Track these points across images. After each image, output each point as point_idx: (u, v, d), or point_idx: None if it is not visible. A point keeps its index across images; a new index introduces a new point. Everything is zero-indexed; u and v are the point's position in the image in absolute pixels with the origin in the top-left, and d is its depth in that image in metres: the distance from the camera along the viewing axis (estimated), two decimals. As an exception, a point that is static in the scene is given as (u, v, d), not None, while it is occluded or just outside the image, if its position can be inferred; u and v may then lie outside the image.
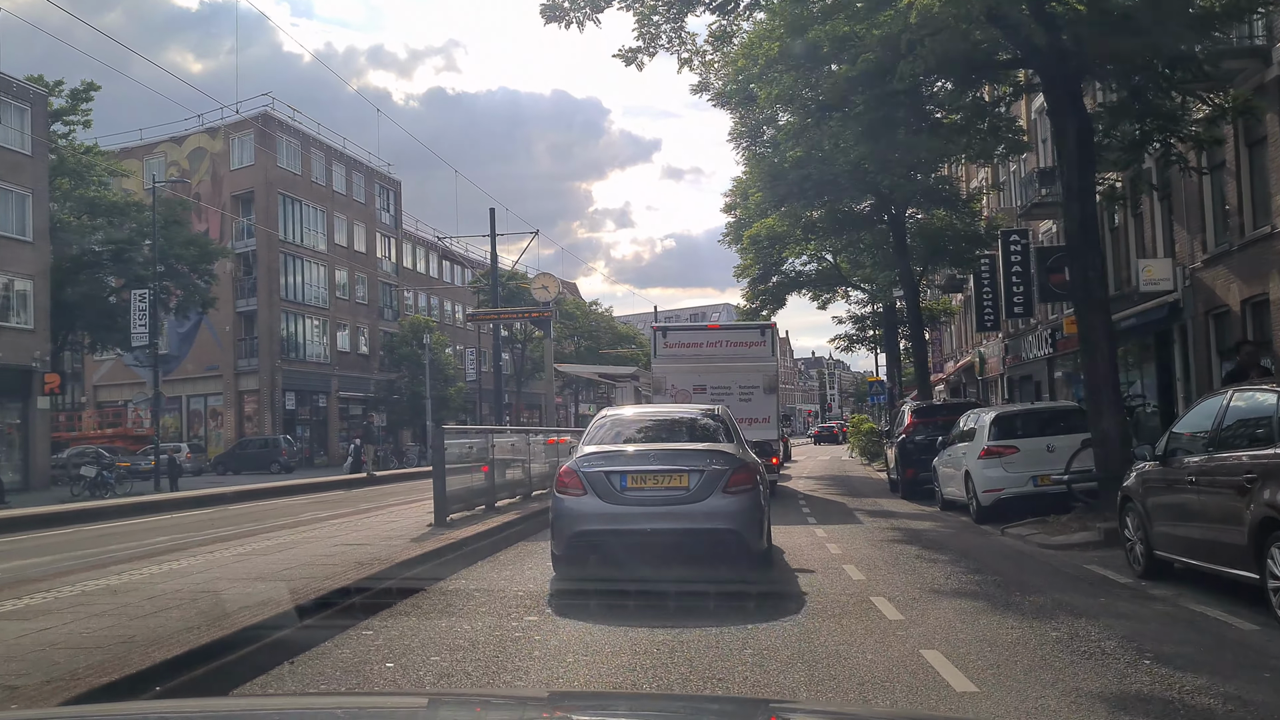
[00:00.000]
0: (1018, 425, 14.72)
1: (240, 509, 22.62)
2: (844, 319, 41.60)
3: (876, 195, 24.16)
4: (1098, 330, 12.03)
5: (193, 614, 6.59)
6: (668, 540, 8.58)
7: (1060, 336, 28.97)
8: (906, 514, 16.57)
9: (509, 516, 13.83)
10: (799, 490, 24.06)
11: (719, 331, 22.71)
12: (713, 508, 8.41)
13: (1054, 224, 29.81)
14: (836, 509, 18.48)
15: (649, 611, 7.49)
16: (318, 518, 17.06)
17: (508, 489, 15.75)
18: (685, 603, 7.79)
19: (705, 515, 8.41)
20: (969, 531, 13.70)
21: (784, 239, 27.22)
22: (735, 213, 35.97)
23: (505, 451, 15.71)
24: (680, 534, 8.52)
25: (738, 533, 8.53)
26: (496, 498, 14.83)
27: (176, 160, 55.65)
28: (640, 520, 8.45)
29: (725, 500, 8.44)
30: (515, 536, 12.65)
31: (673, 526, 8.46)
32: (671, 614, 7.45)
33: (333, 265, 57.62)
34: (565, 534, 8.74)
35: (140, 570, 9.06)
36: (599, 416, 10.70)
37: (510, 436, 16.78)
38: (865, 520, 15.73)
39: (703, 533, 8.52)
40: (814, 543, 12.47)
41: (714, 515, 8.42)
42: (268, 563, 9.32)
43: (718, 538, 8.58)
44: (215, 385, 54.22)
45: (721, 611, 7.53)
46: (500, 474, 15.46)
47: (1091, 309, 12.08)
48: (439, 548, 10.13)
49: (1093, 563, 10.04)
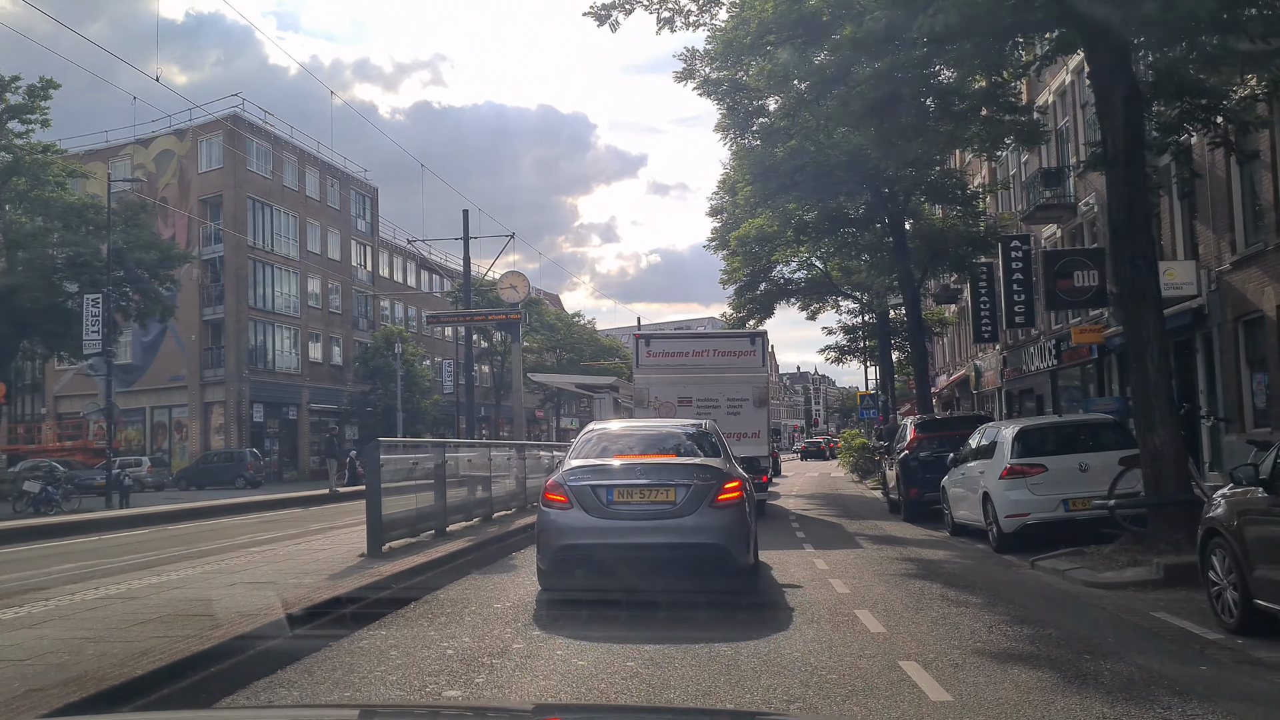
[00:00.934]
0: (1045, 441, 12.92)
1: (179, 530, 20.62)
2: (834, 329, 39.74)
3: (874, 191, 22.37)
4: (1148, 329, 10.26)
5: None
6: (653, 555, 8.54)
7: (1066, 347, 27.29)
8: (914, 540, 14.75)
9: (460, 544, 11.94)
10: (790, 510, 22.33)
11: (706, 340, 21.47)
12: (699, 522, 8.45)
13: (1058, 228, 28.14)
14: (833, 532, 16.69)
15: (637, 623, 7.55)
16: (255, 541, 15.21)
17: (464, 510, 13.86)
18: (673, 624, 7.60)
19: (691, 530, 8.45)
20: (992, 563, 11.89)
21: (774, 240, 25.39)
22: (721, 216, 34.23)
23: (462, 468, 13.82)
24: (666, 548, 8.52)
25: (724, 548, 8.56)
26: (449, 521, 12.93)
27: (142, 163, 53.60)
28: (626, 534, 8.49)
29: (712, 515, 8.49)
30: (465, 568, 10.76)
31: (659, 541, 8.48)
32: (659, 626, 7.40)
33: (305, 273, 55.58)
34: (551, 548, 8.72)
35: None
36: (585, 431, 10.69)
37: (468, 451, 14.88)
38: (868, 547, 13.92)
39: (688, 547, 8.53)
40: (813, 576, 10.65)
41: (700, 530, 8.46)
42: (102, 619, 7.23)
43: (704, 552, 8.58)
44: (180, 396, 52.05)
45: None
46: (457, 493, 13.60)
47: (1140, 305, 10.30)
48: (355, 590, 8.23)
49: (1159, 609, 8.22)
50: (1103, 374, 25.54)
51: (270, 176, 53.11)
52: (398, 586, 8.83)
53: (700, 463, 9.15)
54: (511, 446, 18.05)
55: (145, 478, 46.12)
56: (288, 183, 54.76)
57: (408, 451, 12.96)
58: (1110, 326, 24.22)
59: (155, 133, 52.88)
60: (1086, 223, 26.28)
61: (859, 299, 36.93)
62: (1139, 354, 10.34)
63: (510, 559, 12.41)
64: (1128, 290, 10.46)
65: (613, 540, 8.49)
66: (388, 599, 8.43)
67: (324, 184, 58.27)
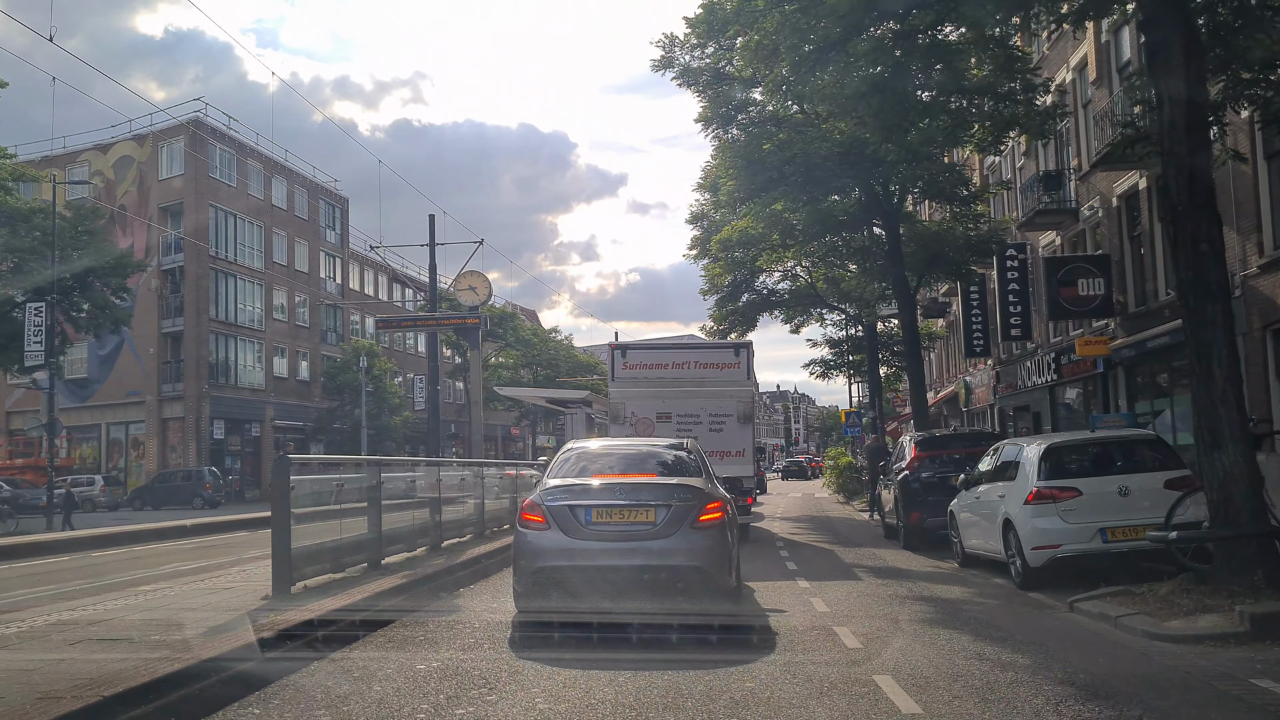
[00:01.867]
0: (1076, 460, 11.19)
1: (102, 557, 18.59)
2: (819, 342, 38.01)
3: (867, 189, 20.65)
4: (1215, 326, 8.55)
5: None
6: (632, 577, 8.32)
7: (1068, 360, 25.68)
8: (921, 572, 13.00)
9: (393, 580, 10.09)
10: (776, 533, 20.63)
11: (687, 350, 19.65)
12: (679, 544, 8.30)
13: (1058, 235, 26.56)
14: (826, 560, 14.95)
15: (614, 649, 7.40)
16: (178, 572, 13.41)
17: (404, 540, 12.00)
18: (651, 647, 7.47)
19: (671, 551, 8.30)
20: (1020, 603, 10.14)
21: (758, 244, 23.64)
22: (702, 223, 32.57)
23: (404, 490, 11.98)
24: (645, 570, 8.32)
25: (704, 570, 8.38)
26: (384, 553, 11.08)
27: (101, 169, 51.55)
28: (604, 556, 8.34)
29: (692, 536, 8.34)
30: (389, 614, 8.90)
31: (638, 563, 8.31)
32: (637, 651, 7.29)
33: (270, 284, 53.53)
34: (527, 569, 8.55)
35: None
36: (564, 449, 10.52)
37: (411, 471, 13.02)
38: (869, 580, 12.17)
39: (668, 569, 8.36)
40: (811, 620, 8.92)
41: (680, 551, 8.31)
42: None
43: (684, 575, 8.41)
44: (137, 412, 49.80)
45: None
46: (397, 519, 11.76)
47: (1205, 297, 8.57)
48: (216, 656, 6.31)
49: (1258, 673, 6.48)
50: (1107, 389, 23.90)
51: (234, 184, 51.12)
52: (275, 654, 6.91)
53: (681, 483, 8.92)
54: (467, 465, 16.17)
55: (98, 497, 44.07)
56: (253, 191, 52.78)
57: (336, 471, 11.06)
58: (1117, 338, 22.63)
59: (115, 138, 50.89)
60: (1089, 229, 24.71)
61: (845, 311, 35.28)
62: (1203, 356, 8.62)
63: (455, 596, 10.58)
64: (1189, 280, 8.75)
65: (591, 562, 8.32)
66: (267, 663, 6.55)
67: (291, 193, 56.31)
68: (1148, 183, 21.02)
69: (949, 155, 23.57)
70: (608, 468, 9.57)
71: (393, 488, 11.43)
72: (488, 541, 14.69)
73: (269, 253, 53.65)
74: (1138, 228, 21.89)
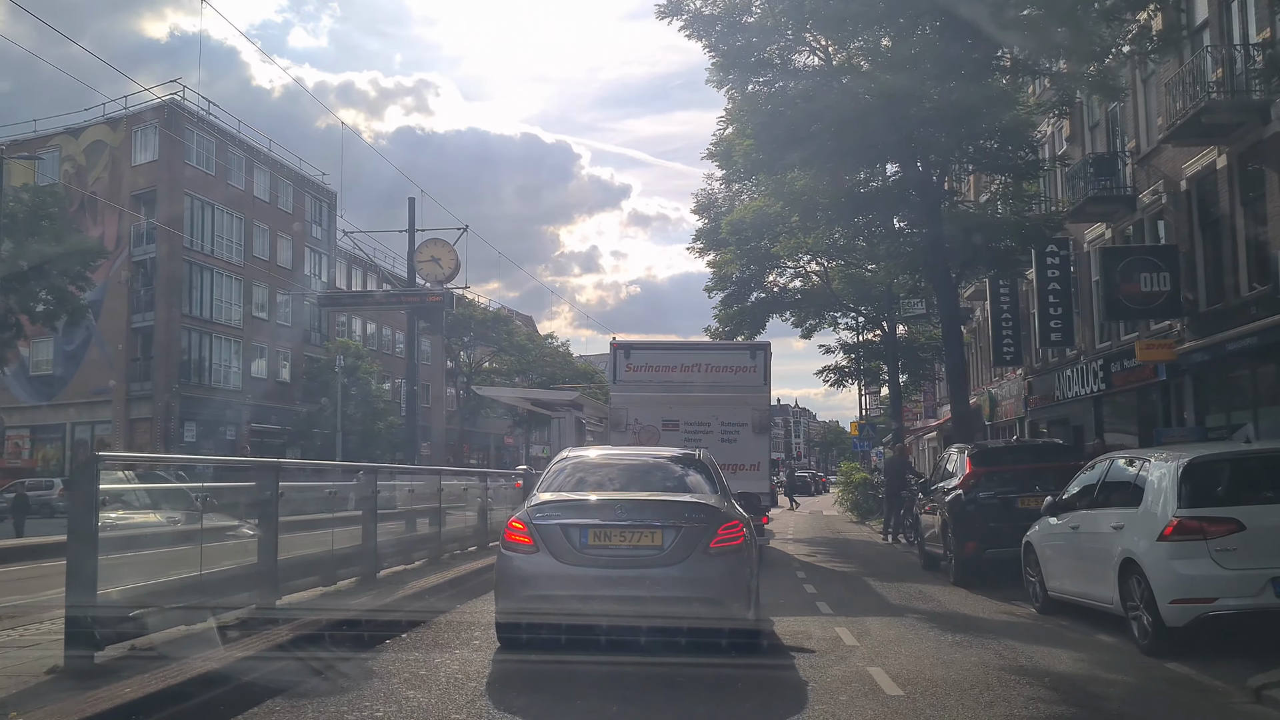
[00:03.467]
0: (1231, 481, 8.22)
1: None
2: (833, 348, 35.06)
3: (906, 156, 17.53)
4: None
5: None
6: (635, 610, 7.13)
7: (1120, 367, 22.73)
8: (992, 621, 10.07)
9: (275, 637, 7.15)
10: (793, 556, 18.13)
11: (698, 352, 18.16)
12: (690, 572, 7.23)
13: (1107, 229, 23.62)
14: (862, 597, 12.16)
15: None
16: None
17: (323, 569, 9.05)
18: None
19: (680, 581, 7.23)
20: (1163, 681, 7.19)
21: (774, 226, 20.70)
22: (709, 213, 29.72)
23: (313, 505, 9.04)
24: (650, 603, 7.15)
25: (720, 602, 7.32)
26: (283, 589, 8.13)
27: (72, 155, 48.69)
28: (601, 585, 7.21)
29: (706, 563, 7.28)
30: (260, 688, 5.96)
31: (641, 594, 7.17)
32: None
33: (250, 280, 50.59)
34: (513, 600, 7.50)
35: None
36: (558, 458, 9.31)
37: (321, 480, 10.07)
38: (926, 631, 9.36)
39: (677, 602, 7.20)
40: (851, 672, 6.03)
41: (691, 581, 7.24)
42: None
43: (695, 608, 7.22)
44: (104, 412, 46.78)
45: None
46: (304, 541, 8.84)
47: None
48: None
49: None
50: (1169, 399, 20.95)
51: (213, 173, 48.27)
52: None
53: (693, 500, 7.97)
54: (414, 475, 13.23)
55: (56, 501, 41.20)
56: (233, 181, 49.92)
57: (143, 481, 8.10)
58: (1184, 340, 19.70)
59: (87, 122, 48.04)
60: (1148, 218, 21.80)
61: (862, 313, 32.36)
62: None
63: (379, 650, 7.64)
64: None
65: (586, 591, 7.24)
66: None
67: (275, 185, 53.39)
68: (1227, 160, 18.16)
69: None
70: (608, 480, 8.50)
71: (297, 500, 8.48)
72: (441, 570, 11.74)
73: (249, 246, 50.77)
74: (1213, 213, 18.98)
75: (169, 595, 6.59)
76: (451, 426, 66.15)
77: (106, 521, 5.72)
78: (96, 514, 5.66)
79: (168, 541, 6.74)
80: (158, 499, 6.86)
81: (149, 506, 6.60)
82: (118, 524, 5.99)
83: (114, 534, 5.89)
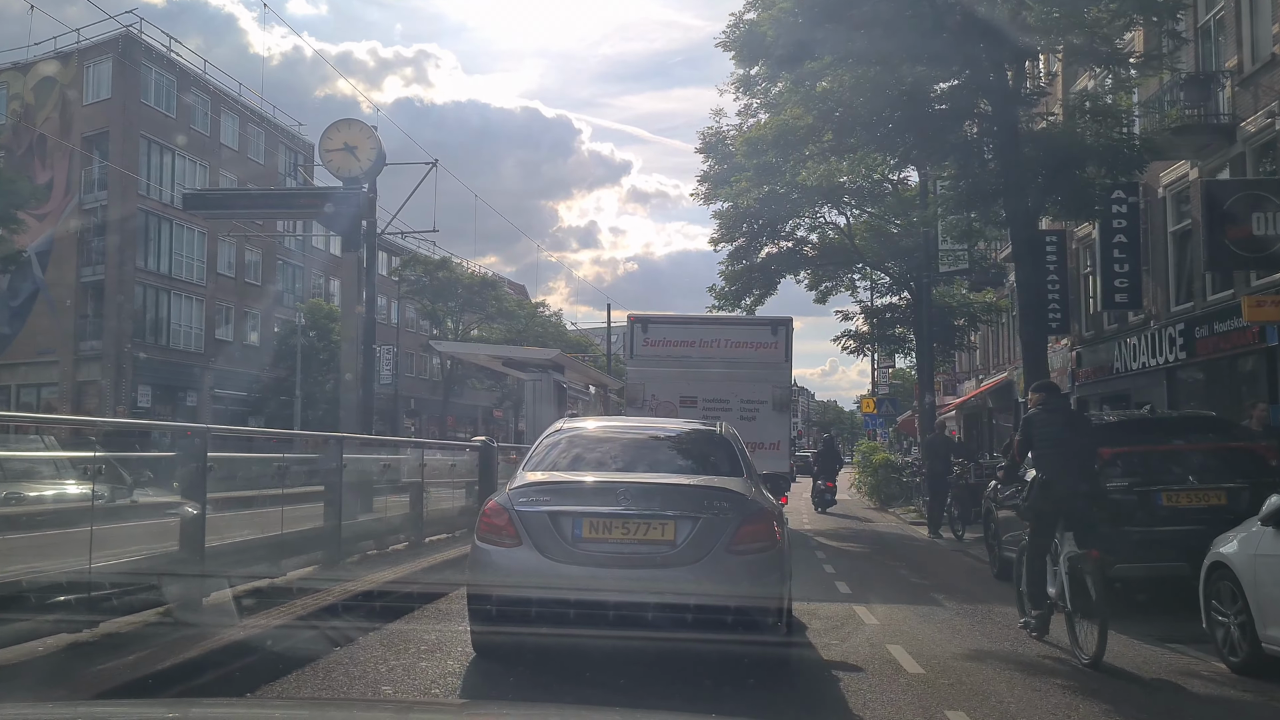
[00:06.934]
0: None
1: None
2: (852, 315, 31.32)
3: (972, 51, 13.56)
4: None
5: None
6: (640, 621, 5.80)
7: (1206, 332, 19.01)
8: (1147, 680, 6.38)
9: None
10: (816, 545, 15.17)
11: (718, 327, 18.39)
12: (709, 574, 5.86)
13: (1191, 167, 19.83)
14: (937, 629, 8.49)
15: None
16: None
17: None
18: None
19: (697, 585, 5.85)
20: None
21: (802, 144, 16.87)
22: (715, 152, 25.91)
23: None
24: (658, 612, 5.81)
25: (746, 613, 5.98)
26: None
27: (20, 93, 44.62)
28: (600, 589, 5.93)
29: (729, 564, 5.91)
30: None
31: (648, 600, 5.88)
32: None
33: (214, 234, 46.62)
34: (489, 603, 6.24)
35: None
36: (551, 430, 7.66)
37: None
38: (1054, 692, 5.63)
39: (693, 611, 5.80)
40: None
41: (710, 585, 5.85)
42: None
43: (716, 620, 5.85)
44: (51, 373, 42.95)
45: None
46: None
47: None
48: None
49: None
50: (1275, 368, 17.24)
51: (173, 115, 44.26)
52: None
53: (714, 484, 6.51)
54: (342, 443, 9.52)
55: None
56: (196, 125, 45.89)
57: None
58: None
59: (37, 57, 43.96)
60: (1253, 152, 18.00)
61: (890, 271, 28.57)
62: None
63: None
64: None
65: (580, 596, 5.85)
66: None
67: (244, 132, 49.37)
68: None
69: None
70: (609, 459, 7.08)
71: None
72: (391, 565, 8.03)
73: (214, 197, 46.80)
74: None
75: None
76: (436, 398, 62.38)
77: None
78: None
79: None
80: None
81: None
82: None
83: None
